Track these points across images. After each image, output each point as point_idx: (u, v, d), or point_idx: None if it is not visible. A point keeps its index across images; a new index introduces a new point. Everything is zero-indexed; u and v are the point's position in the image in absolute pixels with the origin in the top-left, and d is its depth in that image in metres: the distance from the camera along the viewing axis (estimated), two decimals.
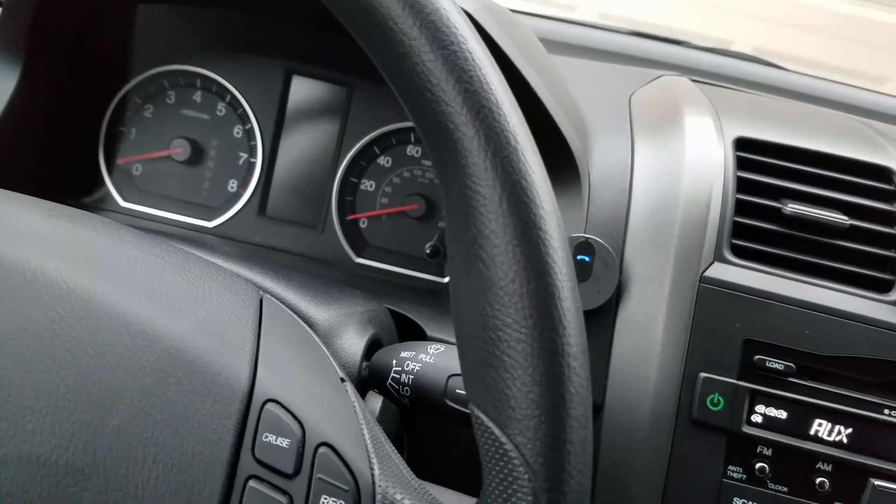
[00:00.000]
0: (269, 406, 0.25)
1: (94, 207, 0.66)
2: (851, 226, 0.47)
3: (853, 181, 0.49)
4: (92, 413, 0.23)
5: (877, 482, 0.44)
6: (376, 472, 0.25)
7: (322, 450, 0.25)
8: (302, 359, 0.29)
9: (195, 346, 0.26)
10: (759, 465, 0.45)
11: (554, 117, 0.48)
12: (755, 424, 0.45)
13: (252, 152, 0.65)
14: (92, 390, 0.24)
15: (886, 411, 0.45)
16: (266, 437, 0.25)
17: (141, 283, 0.27)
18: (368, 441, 0.26)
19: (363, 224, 0.65)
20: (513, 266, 0.23)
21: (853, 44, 2.24)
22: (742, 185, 0.48)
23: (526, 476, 0.22)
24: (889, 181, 0.50)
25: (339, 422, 0.26)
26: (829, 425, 0.45)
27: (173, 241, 0.50)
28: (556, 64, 0.59)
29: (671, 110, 0.53)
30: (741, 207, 0.47)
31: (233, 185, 0.65)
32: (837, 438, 0.45)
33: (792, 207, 0.47)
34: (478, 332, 0.23)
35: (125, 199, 0.66)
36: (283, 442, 0.25)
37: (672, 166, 0.49)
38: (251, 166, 0.65)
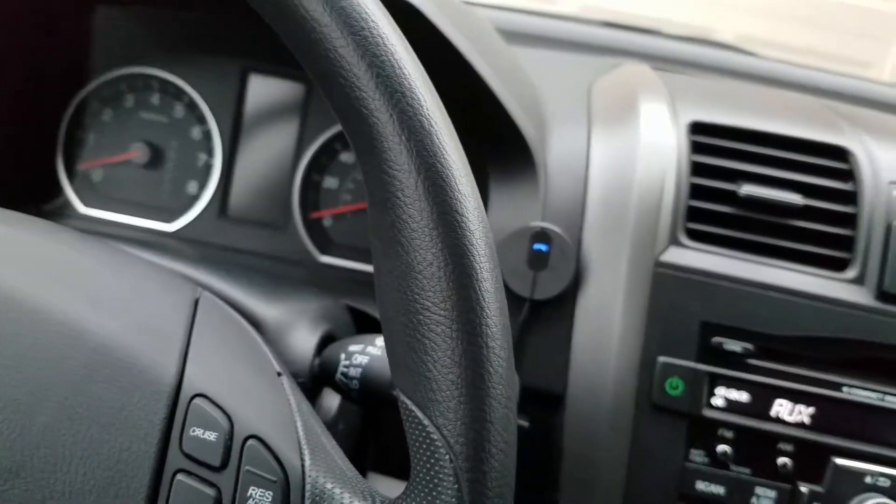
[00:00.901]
0: (197, 401, 0.25)
1: (54, 214, 0.66)
2: (807, 206, 0.47)
3: (809, 161, 0.49)
4: (19, 412, 0.23)
5: (839, 460, 0.44)
6: (307, 462, 0.25)
7: (250, 442, 0.24)
8: (235, 354, 0.28)
9: (125, 344, 0.25)
10: (720, 447, 0.45)
11: (507, 108, 0.48)
12: (715, 407, 0.45)
13: (211, 153, 0.64)
14: (19, 389, 0.23)
15: (845, 389, 0.45)
16: (193, 431, 0.24)
17: (73, 284, 0.27)
18: (301, 433, 0.26)
19: (327, 222, 0.64)
20: (430, 249, 0.22)
21: (837, 32, 2.26)
22: (697, 169, 0.48)
23: (447, 457, 0.22)
24: (844, 160, 0.50)
25: (270, 415, 0.26)
26: (790, 405, 0.45)
27: (133, 245, 0.49)
28: (514, 55, 0.59)
29: (627, 98, 0.53)
30: (696, 191, 0.47)
31: (193, 188, 0.65)
32: (798, 418, 0.45)
33: (746, 189, 0.47)
34: (400, 316, 0.23)
35: (86, 205, 0.65)
36: (211, 435, 0.24)
37: (626, 153, 0.49)
38: (210, 167, 0.64)
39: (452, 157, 0.23)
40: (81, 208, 0.65)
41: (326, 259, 0.63)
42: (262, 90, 0.64)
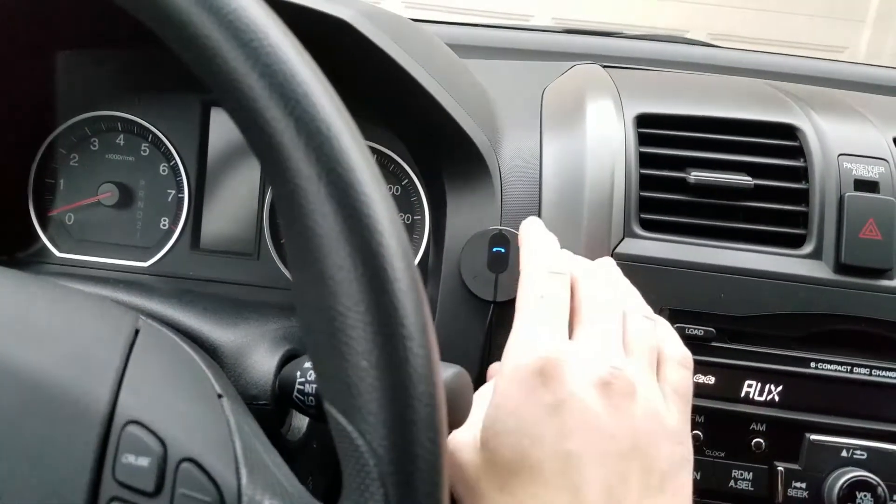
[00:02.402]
0: (130, 427, 0.25)
1: (30, 262, 0.66)
2: (758, 185, 0.48)
3: (757, 142, 0.50)
4: None
5: (812, 436, 0.44)
6: (243, 480, 0.25)
7: (184, 465, 0.25)
8: (174, 381, 0.29)
9: (56, 376, 0.26)
10: (693, 433, 0.44)
11: (454, 116, 0.49)
12: None
13: (179, 188, 0.65)
14: None
15: (813, 364, 0.45)
16: (126, 458, 0.24)
17: (4, 320, 0.27)
18: (239, 452, 0.26)
19: (279, 221, 0.65)
20: (340, 253, 0.23)
21: (808, 19, 2.28)
22: (645, 160, 0.48)
23: (371, 462, 0.22)
24: (793, 138, 0.50)
25: (205, 437, 0.26)
26: (759, 385, 0.45)
27: (101, 283, 0.50)
28: (464, 66, 0.60)
29: (574, 97, 0.54)
30: (646, 182, 0.48)
31: (164, 223, 0.66)
32: (769, 397, 0.45)
33: (695, 175, 0.47)
34: (318, 325, 0.23)
35: (60, 251, 0.66)
36: (144, 461, 0.24)
37: (576, 151, 0.49)
38: (180, 202, 0.65)
39: (354, 159, 0.23)
40: (57, 253, 0.66)
41: None
42: (225, 122, 0.65)
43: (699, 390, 0.45)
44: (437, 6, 2.21)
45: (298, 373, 0.37)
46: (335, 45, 0.46)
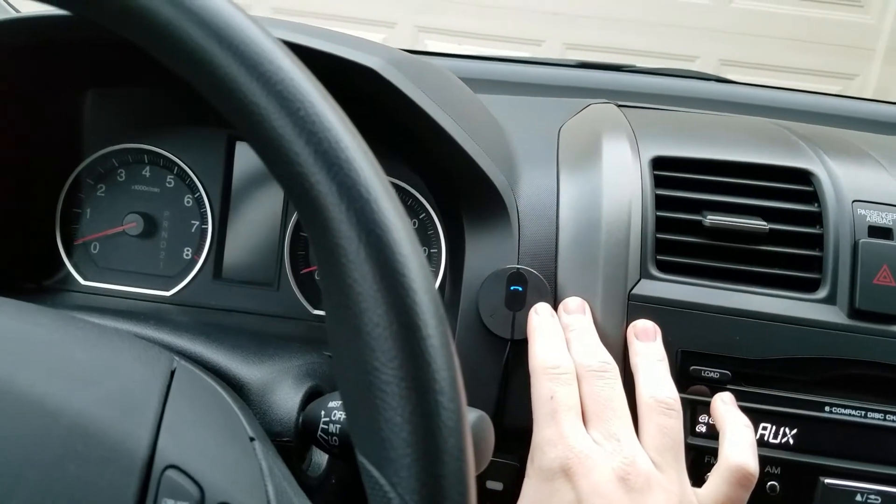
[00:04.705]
0: (169, 472, 0.26)
1: (55, 290, 0.68)
2: (773, 230, 0.48)
3: (772, 186, 0.51)
4: None
5: (827, 480, 0.45)
6: None
7: None
8: (208, 423, 0.30)
9: (98, 419, 0.27)
10: (707, 475, 0.45)
11: (474, 157, 0.50)
12: (700, 434, 0.46)
13: (203, 219, 0.67)
14: None
15: (827, 408, 0.46)
16: (165, 502, 0.25)
17: (46, 363, 0.28)
18: (272, 495, 0.27)
19: (318, 276, 0.66)
20: (376, 311, 0.24)
21: (819, 47, 2.29)
22: (661, 202, 0.49)
23: None
24: (808, 182, 0.51)
25: (239, 481, 0.27)
26: (774, 428, 0.46)
27: (127, 317, 0.51)
28: (480, 103, 0.61)
29: (591, 137, 0.55)
30: (662, 224, 0.49)
31: (188, 253, 0.67)
32: (783, 440, 0.45)
33: (711, 218, 0.48)
34: (352, 378, 0.25)
35: (85, 279, 0.68)
36: None
37: (592, 192, 0.50)
38: (203, 232, 0.67)
39: (393, 221, 0.25)
40: (82, 281, 0.68)
41: (319, 312, 0.65)
42: (248, 155, 0.67)
43: (713, 433, 0.45)
44: (449, 31, 2.25)
45: (323, 412, 0.38)
46: (362, 90, 0.48)
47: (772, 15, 2.28)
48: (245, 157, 0.67)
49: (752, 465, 0.40)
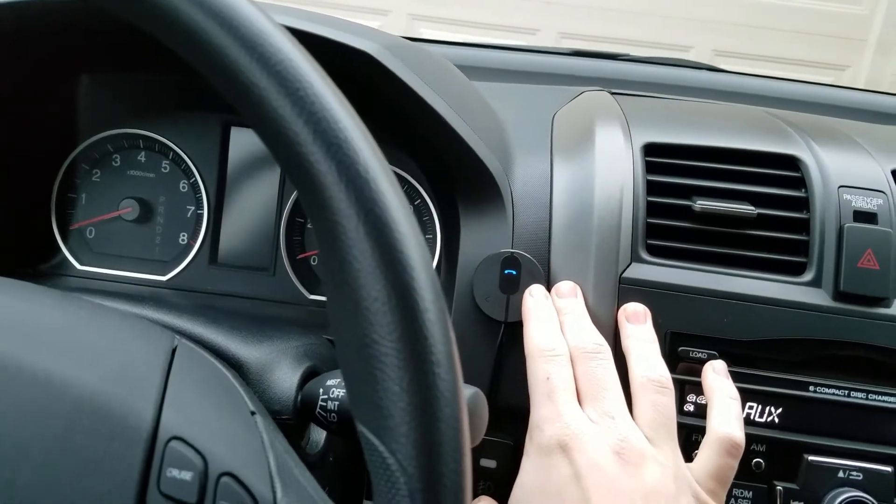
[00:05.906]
0: (173, 443, 0.27)
1: (51, 274, 0.68)
2: (760, 214, 0.49)
3: (760, 172, 0.52)
4: (3, 470, 0.25)
5: (811, 457, 0.46)
6: (278, 493, 0.27)
7: (224, 479, 0.26)
8: (210, 398, 0.31)
9: (103, 394, 0.27)
10: (695, 452, 0.46)
11: (469, 143, 0.51)
12: (688, 413, 0.47)
13: (199, 204, 0.67)
14: (2, 448, 0.25)
15: (812, 388, 0.47)
16: (170, 472, 0.26)
17: (52, 341, 0.29)
18: (273, 467, 0.28)
19: (314, 261, 0.67)
20: (375, 286, 0.25)
21: (811, 37, 2.31)
22: (652, 188, 0.50)
23: (402, 480, 0.24)
24: (795, 168, 0.52)
25: (242, 452, 0.28)
26: (760, 407, 0.47)
27: (126, 299, 0.51)
28: (476, 90, 0.62)
29: (584, 124, 0.56)
30: (653, 209, 0.50)
31: (183, 238, 0.67)
32: (769, 419, 0.47)
33: (700, 203, 0.49)
34: (352, 351, 0.25)
35: (81, 263, 0.68)
36: (187, 475, 0.26)
37: (585, 178, 0.51)
38: (199, 218, 0.67)
39: (391, 199, 0.25)
40: (78, 266, 0.68)
41: (315, 297, 0.66)
42: (243, 141, 0.68)
43: (702, 411, 0.47)
44: (444, 19, 2.24)
45: (321, 390, 0.39)
46: (358, 75, 0.48)
47: (765, 5, 2.29)
48: (240, 143, 0.68)
49: (739, 434, 0.42)
